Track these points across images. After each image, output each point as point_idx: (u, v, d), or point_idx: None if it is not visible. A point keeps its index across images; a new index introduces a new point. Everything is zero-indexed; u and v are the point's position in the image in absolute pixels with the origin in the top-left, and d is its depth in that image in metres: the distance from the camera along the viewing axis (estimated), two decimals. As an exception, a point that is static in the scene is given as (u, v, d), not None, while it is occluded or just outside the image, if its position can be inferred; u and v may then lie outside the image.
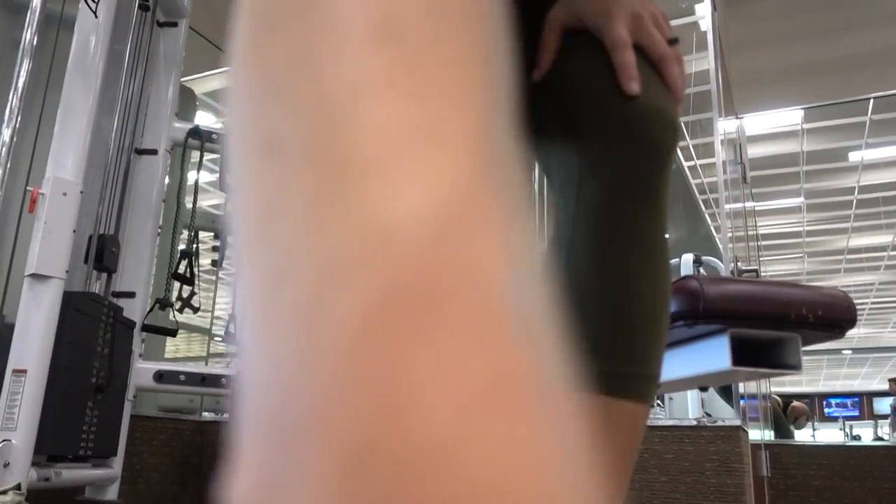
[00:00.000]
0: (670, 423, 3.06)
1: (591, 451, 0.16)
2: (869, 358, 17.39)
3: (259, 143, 0.19)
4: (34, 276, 2.23)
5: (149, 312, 3.07)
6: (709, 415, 4.18)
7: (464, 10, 0.19)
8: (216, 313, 4.88)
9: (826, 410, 18.35)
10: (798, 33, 6.07)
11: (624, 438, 0.72)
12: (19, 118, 2.54)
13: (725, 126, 4.13)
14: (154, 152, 3.19)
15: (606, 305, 0.71)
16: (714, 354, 0.89)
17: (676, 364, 0.98)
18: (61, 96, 2.45)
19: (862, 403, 18.27)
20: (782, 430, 5.48)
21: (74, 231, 2.33)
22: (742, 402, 3.35)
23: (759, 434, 4.31)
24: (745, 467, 2.82)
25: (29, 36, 2.62)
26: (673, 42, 0.74)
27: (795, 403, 6.37)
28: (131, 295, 3.00)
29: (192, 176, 3.46)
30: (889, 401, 9.91)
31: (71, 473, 2.49)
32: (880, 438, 11.31)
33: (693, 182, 7.63)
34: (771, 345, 0.90)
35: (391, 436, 0.14)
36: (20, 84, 2.55)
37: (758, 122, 7.03)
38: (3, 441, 2.10)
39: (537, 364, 0.15)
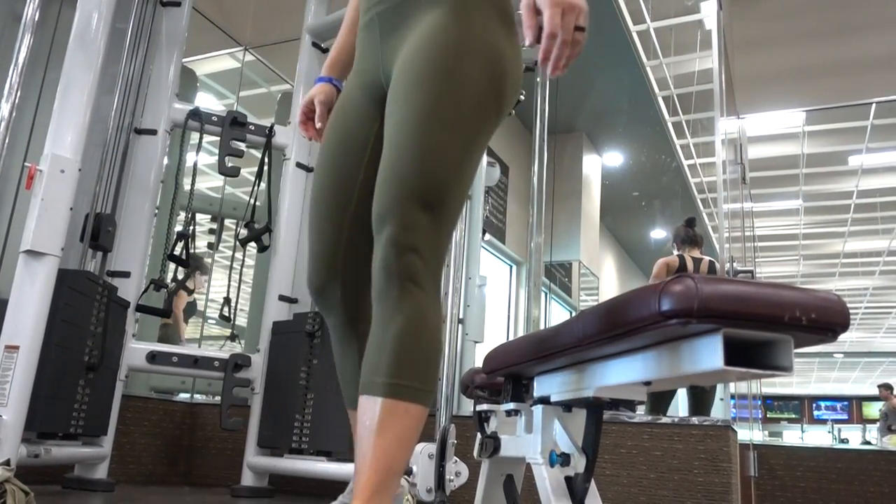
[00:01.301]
0: (660, 420, 3.07)
1: None
2: (860, 362, 17.47)
3: None
4: (29, 252, 2.23)
5: (143, 293, 3.07)
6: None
7: None
8: (210, 296, 4.88)
9: (815, 413, 18.45)
10: (802, 35, 6.06)
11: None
12: (19, 94, 2.53)
13: (727, 126, 4.12)
14: (153, 132, 3.18)
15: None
16: (706, 354, 0.89)
17: (668, 362, 0.98)
18: (62, 73, 2.44)
19: (851, 407, 18.36)
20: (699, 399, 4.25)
21: (71, 209, 2.33)
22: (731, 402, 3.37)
23: (748, 434, 4.34)
24: (733, 467, 2.83)
25: (31, 11, 2.60)
26: (579, 28, 0.95)
27: None
28: (126, 275, 3.00)
29: (191, 157, 3.45)
30: (879, 405, 9.96)
31: (61, 451, 2.49)
32: (868, 442, 11.38)
33: (692, 181, 7.64)
34: (763, 346, 0.91)
35: None
36: (20, 59, 2.54)
37: (759, 122, 7.02)
38: (-6, 416, 2.11)
39: None
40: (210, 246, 4.43)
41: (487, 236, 5.88)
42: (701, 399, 4.02)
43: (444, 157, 1.01)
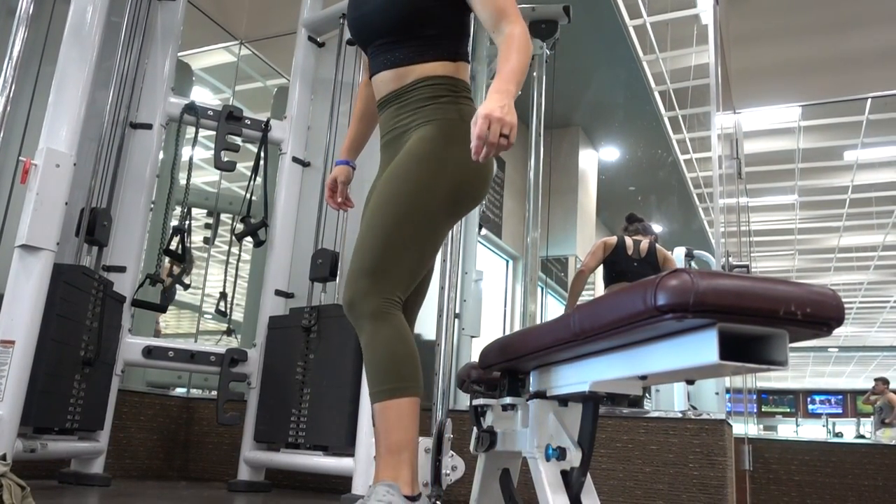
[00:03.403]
0: (655, 414, 3.08)
1: None
2: (855, 356, 17.53)
3: None
4: (24, 247, 2.22)
5: (139, 287, 3.06)
6: (694, 407, 4.21)
7: None
8: (206, 290, 4.87)
9: (810, 407, 18.52)
10: (798, 31, 6.05)
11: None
12: (13, 87, 2.52)
13: (723, 121, 4.13)
14: (149, 127, 3.17)
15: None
16: (701, 348, 0.89)
17: (663, 357, 0.99)
18: (56, 67, 2.43)
19: (846, 401, 18.44)
20: None
21: (66, 203, 2.32)
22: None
23: (743, 428, 4.35)
24: (728, 461, 2.84)
25: (25, 4, 2.59)
26: (504, 136, 1.31)
27: None
28: (122, 269, 2.99)
29: (186, 152, 3.44)
30: (873, 399, 10.00)
31: (57, 446, 2.49)
32: (862, 436, 11.43)
33: (688, 176, 7.64)
34: (758, 340, 0.91)
35: None
36: (15, 53, 2.53)
37: (755, 117, 7.03)
38: (-10, 411, 2.10)
39: None
40: (206, 240, 4.42)
41: (484, 231, 5.88)
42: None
43: (381, 241, 1.43)
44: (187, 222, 3.16)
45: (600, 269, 4.37)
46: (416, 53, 1.57)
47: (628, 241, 4.26)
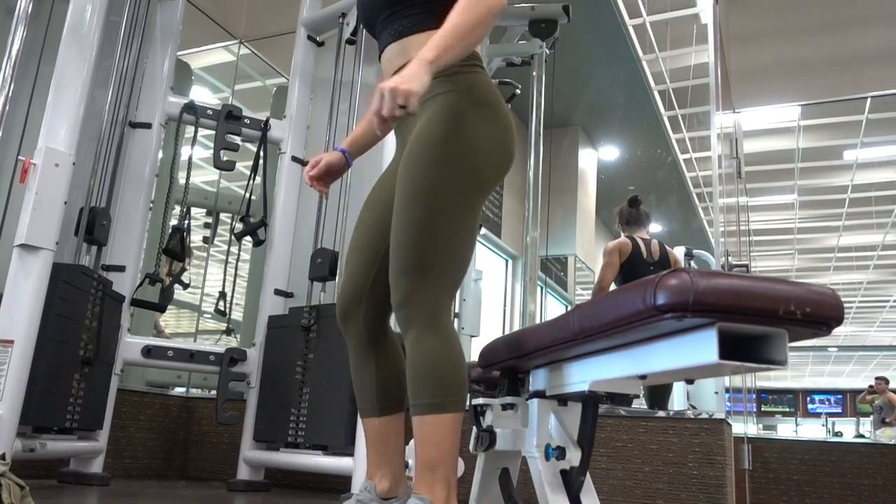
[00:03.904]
0: (655, 413, 3.08)
1: None
2: (854, 356, 17.55)
3: None
4: (23, 246, 2.22)
5: (138, 287, 3.06)
6: (693, 407, 4.21)
7: None
8: (206, 290, 4.87)
9: (809, 406, 18.54)
10: (798, 30, 6.06)
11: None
12: (12, 87, 2.51)
13: (722, 120, 4.13)
14: (148, 126, 3.16)
15: None
16: (701, 348, 0.89)
17: (663, 356, 0.99)
18: (55, 66, 2.43)
19: (845, 400, 18.46)
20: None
21: (65, 203, 2.32)
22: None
23: (743, 427, 4.35)
24: (728, 460, 2.84)
25: (24, 3, 2.59)
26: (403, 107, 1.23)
27: None
28: (121, 269, 2.99)
29: (185, 151, 3.44)
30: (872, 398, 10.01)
31: (56, 445, 2.49)
32: (861, 435, 11.43)
33: (688, 175, 7.64)
34: (758, 340, 0.91)
35: None
36: (14, 52, 2.52)
37: (755, 117, 7.03)
38: (-11, 411, 2.10)
39: None
40: (205, 240, 4.42)
41: (483, 230, 5.88)
42: (658, 391, 3.91)
43: (421, 236, 1.35)
44: (187, 222, 3.15)
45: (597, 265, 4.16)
46: (416, 22, 1.49)
47: (640, 243, 3.98)
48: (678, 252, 4.75)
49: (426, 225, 1.35)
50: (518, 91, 3.70)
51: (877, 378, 9.87)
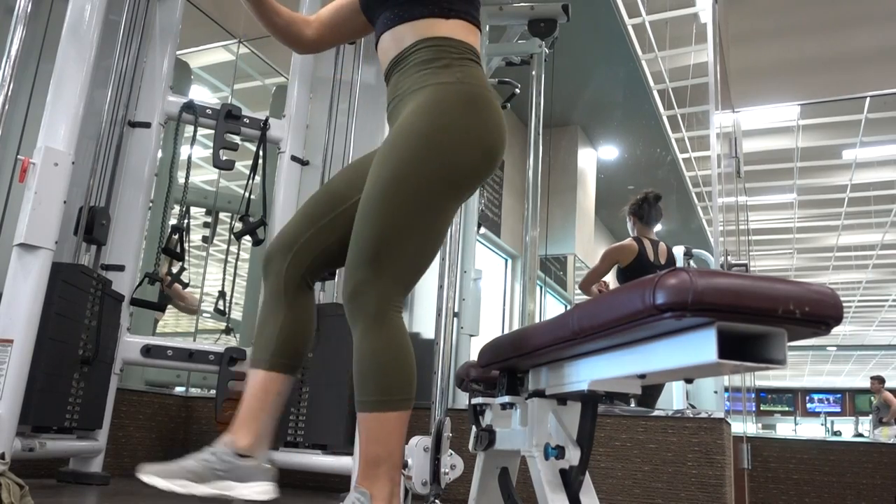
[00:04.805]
0: (654, 413, 3.08)
1: None
2: (853, 355, 17.56)
3: None
4: (23, 245, 2.22)
5: (138, 286, 3.06)
6: (693, 406, 4.21)
7: None
8: (205, 289, 4.87)
9: (808, 405, 18.55)
10: (797, 29, 6.06)
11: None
12: (11, 86, 2.51)
13: (721, 119, 4.13)
14: (147, 125, 3.16)
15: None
16: (700, 347, 0.89)
17: (662, 356, 0.99)
18: (55, 65, 2.42)
19: (844, 400, 18.47)
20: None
21: (65, 202, 2.32)
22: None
23: (742, 427, 4.36)
24: (727, 459, 2.85)
25: (23, 2, 2.59)
26: None
27: None
28: (120, 268, 2.99)
29: (185, 151, 3.44)
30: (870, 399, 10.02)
31: (55, 445, 2.49)
32: (860, 435, 11.44)
33: (687, 175, 7.65)
34: (757, 339, 0.91)
35: None
36: (13, 51, 2.52)
37: (754, 116, 7.03)
38: (-12, 410, 2.10)
39: None
40: (205, 239, 4.42)
41: (483, 230, 5.88)
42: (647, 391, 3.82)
43: (382, 231, 1.31)
44: (186, 221, 3.15)
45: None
46: (406, 11, 1.48)
47: (647, 245, 3.89)
48: (677, 251, 4.74)
49: (389, 220, 1.31)
50: (517, 90, 3.70)
51: (872, 378, 9.87)
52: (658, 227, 4.40)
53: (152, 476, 1.29)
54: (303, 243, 1.47)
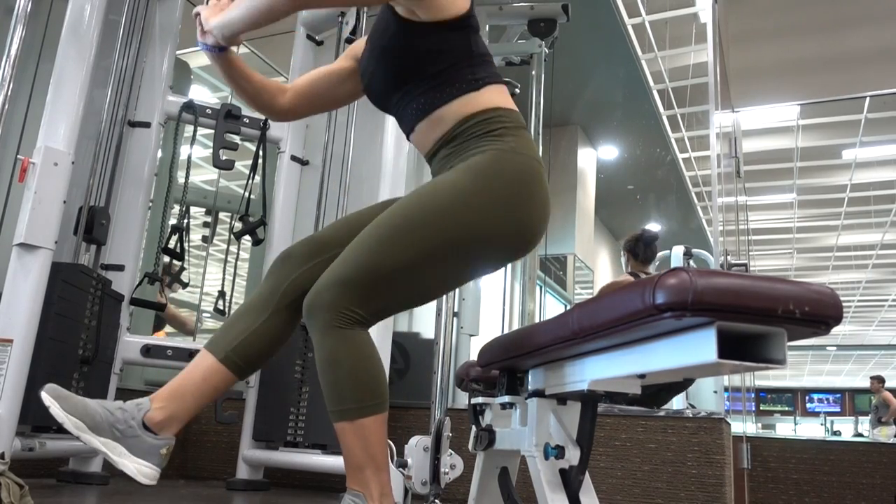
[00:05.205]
0: (654, 413, 3.08)
1: None
2: (853, 355, 17.57)
3: None
4: (22, 245, 2.22)
5: (137, 286, 3.06)
6: (692, 406, 4.21)
7: None
8: (205, 289, 4.87)
9: (808, 405, 18.55)
10: (797, 29, 6.06)
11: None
12: (11, 86, 2.51)
13: (721, 119, 4.13)
14: (147, 125, 3.16)
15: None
16: (700, 347, 0.89)
17: (662, 355, 0.99)
18: (54, 65, 2.42)
19: (844, 399, 18.47)
20: None
21: (64, 202, 2.32)
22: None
23: (741, 426, 4.36)
24: (727, 459, 2.85)
25: (23, 2, 2.59)
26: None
27: None
28: (120, 268, 2.99)
29: (184, 150, 3.44)
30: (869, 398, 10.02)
31: (55, 444, 2.49)
32: (860, 434, 11.44)
33: (687, 174, 7.65)
34: (757, 339, 0.91)
35: None
36: (13, 51, 2.52)
37: (753, 116, 7.04)
38: (-12, 410, 2.10)
39: None
40: (204, 239, 4.42)
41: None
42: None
43: (374, 261, 1.27)
44: (186, 221, 3.15)
45: (607, 268, 4.12)
46: (435, 98, 1.40)
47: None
48: (677, 251, 4.74)
49: (382, 257, 1.26)
50: (517, 90, 3.69)
51: (872, 377, 9.88)
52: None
53: (53, 400, 1.26)
54: (323, 261, 1.41)
